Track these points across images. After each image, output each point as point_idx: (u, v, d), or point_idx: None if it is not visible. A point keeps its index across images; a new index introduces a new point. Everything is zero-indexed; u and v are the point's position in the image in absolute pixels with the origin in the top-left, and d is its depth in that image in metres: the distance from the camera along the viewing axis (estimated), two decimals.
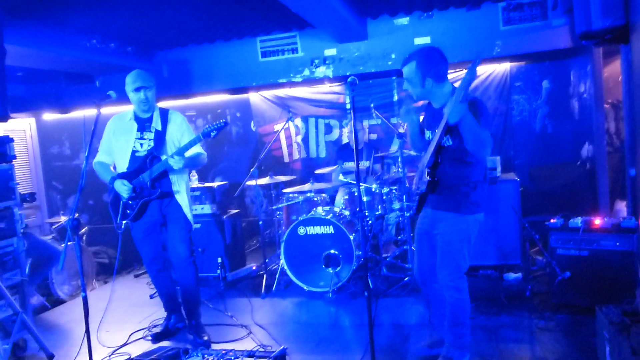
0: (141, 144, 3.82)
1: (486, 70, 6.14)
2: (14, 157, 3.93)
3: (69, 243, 4.81)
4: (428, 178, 3.04)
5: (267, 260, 5.36)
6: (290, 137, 7.12)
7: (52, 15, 4.54)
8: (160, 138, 3.81)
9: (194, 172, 5.83)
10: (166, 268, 4.12)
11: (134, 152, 3.81)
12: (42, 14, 4.47)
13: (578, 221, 3.89)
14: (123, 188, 3.72)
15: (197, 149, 3.87)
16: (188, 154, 3.78)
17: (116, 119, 3.96)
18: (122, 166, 3.84)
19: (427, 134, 3.21)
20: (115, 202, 3.87)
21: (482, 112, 2.88)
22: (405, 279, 4.87)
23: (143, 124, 3.86)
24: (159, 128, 3.83)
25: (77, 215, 2.95)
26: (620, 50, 4.31)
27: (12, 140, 3.87)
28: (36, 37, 4.75)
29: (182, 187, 3.92)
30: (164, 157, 3.70)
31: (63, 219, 6.06)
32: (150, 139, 3.82)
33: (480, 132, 2.79)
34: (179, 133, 3.88)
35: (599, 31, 2.00)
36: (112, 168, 3.99)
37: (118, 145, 3.87)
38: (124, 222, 3.86)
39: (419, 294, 4.58)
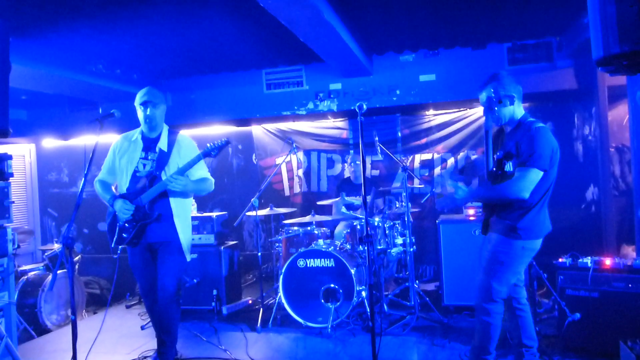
0: (144, 165, 3.66)
1: None
2: (11, 174, 3.83)
3: (58, 271, 4.70)
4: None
5: (264, 294, 5.19)
6: (292, 171, 7.05)
7: (58, 37, 4.53)
8: (163, 159, 3.64)
9: (193, 201, 5.71)
10: None
11: (135, 172, 3.64)
12: (49, 35, 4.46)
13: (588, 261, 3.79)
14: (124, 208, 3.54)
15: (203, 173, 3.73)
16: (194, 177, 3.65)
17: (122, 138, 3.82)
18: (123, 186, 3.68)
19: (508, 165, 3.15)
20: (113, 225, 3.69)
21: (525, 149, 3.03)
22: (407, 317, 4.70)
23: (149, 144, 3.71)
24: (165, 149, 3.67)
25: (72, 234, 2.84)
26: (627, 89, 4.33)
27: (10, 157, 3.78)
28: (42, 57, 4.74)
29: (182, 214, 3.70)
30: (164, 177, 3.55)
31: (56, 246, 5.91)
32: (153, 160, 3.65)
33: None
34: (185, 157, 3.65)
35: (617, 55, 1.96)
36: (113, 188, 3.83)
37: (120, 164, 3.71)
38: (119, 246, 3.68)
39: (420, 332, 4.42)
